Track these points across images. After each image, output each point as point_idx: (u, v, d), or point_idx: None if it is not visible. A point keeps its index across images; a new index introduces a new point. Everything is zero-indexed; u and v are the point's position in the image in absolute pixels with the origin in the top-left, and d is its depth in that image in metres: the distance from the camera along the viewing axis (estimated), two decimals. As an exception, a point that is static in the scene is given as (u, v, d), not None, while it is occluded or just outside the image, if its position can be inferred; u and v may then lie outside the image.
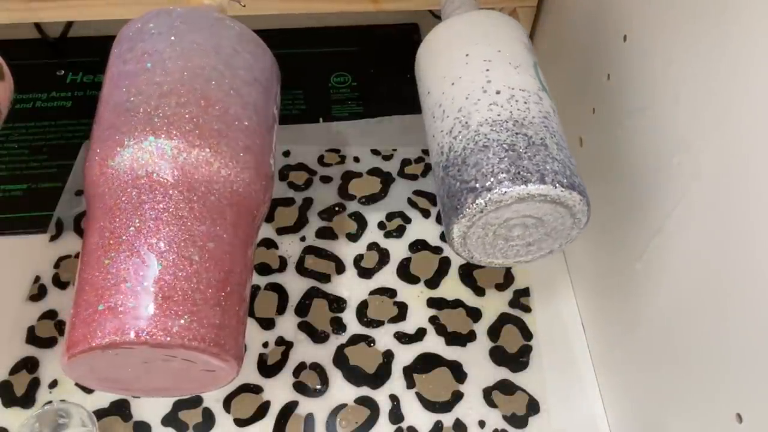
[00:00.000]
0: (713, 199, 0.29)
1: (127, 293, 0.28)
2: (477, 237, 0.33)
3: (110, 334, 0.27)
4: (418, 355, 0.44)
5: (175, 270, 0.28)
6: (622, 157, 0.38)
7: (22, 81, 0.39)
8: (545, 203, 0.31)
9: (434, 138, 0.35)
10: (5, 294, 0.46)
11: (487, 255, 0.34)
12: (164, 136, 0.30)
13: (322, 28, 0.64)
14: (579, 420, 0.43)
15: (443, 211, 0.33)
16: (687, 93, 0.31)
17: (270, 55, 0.38)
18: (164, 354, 0.28)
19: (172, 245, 0.29)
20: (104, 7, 0.48)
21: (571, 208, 0.31)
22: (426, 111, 0.37)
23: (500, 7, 0.51)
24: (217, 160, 0.31)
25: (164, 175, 0.30)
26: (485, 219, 0.31)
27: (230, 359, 0.30)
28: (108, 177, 0.30)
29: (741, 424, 0.28)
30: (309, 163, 0.55)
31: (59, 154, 0.55)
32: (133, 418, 0.41)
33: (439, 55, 0.37)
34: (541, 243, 0.34)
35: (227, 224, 0.31)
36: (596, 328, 0.45)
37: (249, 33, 0.36)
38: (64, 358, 0.28)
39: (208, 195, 0.31)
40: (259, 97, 0.35)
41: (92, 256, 0.29)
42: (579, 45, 0.44)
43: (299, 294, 0.47)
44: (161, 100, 0.31)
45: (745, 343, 0.28)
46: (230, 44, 0.34)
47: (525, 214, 0.31)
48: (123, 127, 0.31)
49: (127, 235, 0.29)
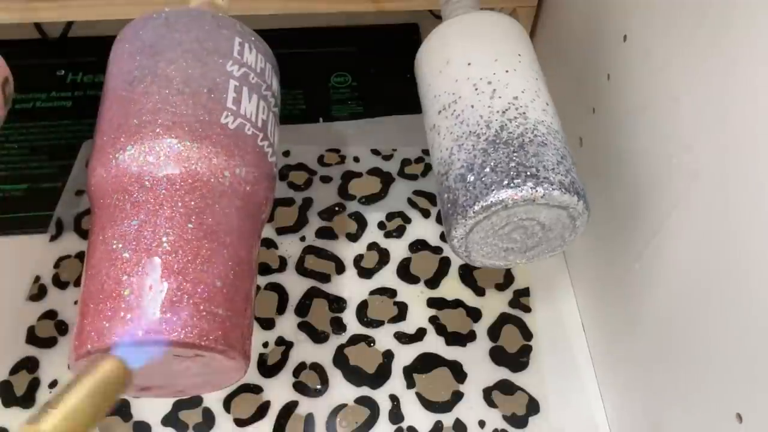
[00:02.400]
0: (713, 200, 0.29)
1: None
2: (477, 239, 0.33)
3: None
4: (418, 355, 0.44)
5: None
6: (622, 157, 0.38)
7: (22, 81, 0.39)
8: (547, 207, 0.31)
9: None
10: (5, 294, 0.46)
11: (486, 257, 0.34)
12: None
13: (322, 28, 0.64)
14: (579, 420, 0.43)
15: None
16: (687, 93, 0.31)
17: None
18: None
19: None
20: (104, 7, 0.48)
21: (572, 212, 0.31)
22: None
23: (500, 7, 0.51)
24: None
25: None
26: (487, 222, 0.31)
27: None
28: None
29: (741, 424, 0.28)
30: (309, 163, 0.55)
31: (59, 154, 0.54)
32: (133, 418, 0.41)
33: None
34: (540, 245, 0.34)
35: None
36: (596, 328, 0.45)
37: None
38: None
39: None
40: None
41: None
42: (579, 45, 0.44)
43: (299, 294, 0.47)
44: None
45: (745, 342, 0.28)
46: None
47: (526, 217, 0.31)
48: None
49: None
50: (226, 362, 0.29)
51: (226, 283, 0.30)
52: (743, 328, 0.28)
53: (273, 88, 0.37)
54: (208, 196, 0.31)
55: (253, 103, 0.34)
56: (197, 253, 0.29)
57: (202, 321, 0.28)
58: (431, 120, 0.36)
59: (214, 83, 0.33)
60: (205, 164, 0.31)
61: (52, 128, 0.56)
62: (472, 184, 0.31)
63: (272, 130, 0.36)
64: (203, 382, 0.32)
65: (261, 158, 0.33)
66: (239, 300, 0.30)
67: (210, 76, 0.33)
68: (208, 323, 0.28)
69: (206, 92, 0.32)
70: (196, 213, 0.30)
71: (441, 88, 0.35)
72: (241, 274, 0.31)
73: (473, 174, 0.31)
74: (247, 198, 0.32)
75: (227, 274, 0.30)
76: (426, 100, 0.37)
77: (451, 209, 0.32)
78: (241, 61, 0.34)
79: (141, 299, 0.28)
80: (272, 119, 0.36)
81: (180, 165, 0.30)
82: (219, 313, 0.29)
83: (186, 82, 0.32)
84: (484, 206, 0.30)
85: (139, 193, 0.30)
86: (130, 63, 0.33)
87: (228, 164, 0.31)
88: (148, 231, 0.29)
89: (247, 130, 0.33)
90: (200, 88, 0.32)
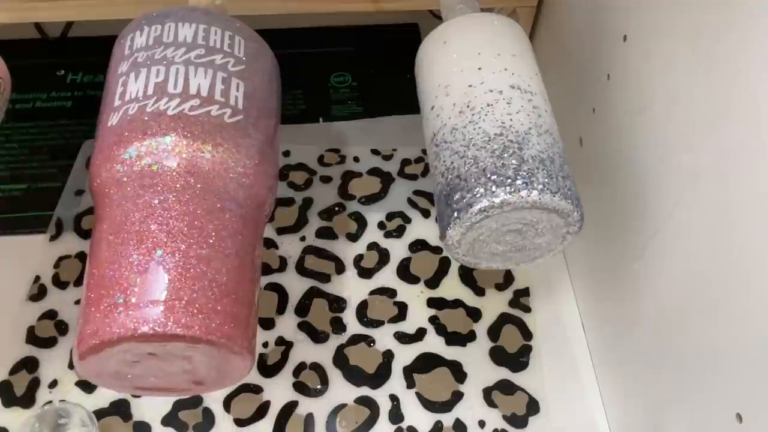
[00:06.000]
0: (713, 200, 0.29)
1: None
2: (472, 241, 0.33)
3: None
4: (418, 355, 0.44)
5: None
6: (622, 157, 0.38)
7: (22, 81, 0.39)
8: (541, 211, 0.31)
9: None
10: (5, 294, 0.46)
11: (480, 258, 0.34)
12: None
13: (322, 28, 0.64)
14: (579, 420, 0.43)
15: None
16: (687, 93, 0.31)
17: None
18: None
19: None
20: (104, 7, 0.48)
21: (566, 216, 0.31)
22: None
23: (500, 7, 0.51)
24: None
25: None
26: (481, 224, 0.31)
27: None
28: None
29: (741, 424, 0.28)
30: (309, 163, 0.55)
31: (59, 154, 0.54)
32: (133, 418, 0.41)
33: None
34: (533, 248, 0.34)
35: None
36: (596, 328, 0.45)
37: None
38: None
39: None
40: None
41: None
42: (579, 45, 0.44)
43: (299, 294, 0.47)
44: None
45: (745, 342, 0.28)
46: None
47: (520, 220, 0.31)
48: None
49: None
50: (231, 357, 0.29)
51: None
52: (743, 327, 0.28)
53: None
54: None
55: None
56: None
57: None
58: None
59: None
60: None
61: (52, 128, 0.56)
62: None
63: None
64: (208, 380, 0.32)
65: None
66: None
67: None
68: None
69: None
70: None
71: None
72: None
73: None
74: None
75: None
76: (424, 100, 0.37)
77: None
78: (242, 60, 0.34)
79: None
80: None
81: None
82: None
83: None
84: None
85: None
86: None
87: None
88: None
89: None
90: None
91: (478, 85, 0.34)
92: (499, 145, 0.31)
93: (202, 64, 0.33)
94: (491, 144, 0.31)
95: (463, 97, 0.34)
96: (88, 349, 0.28)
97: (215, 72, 0.33)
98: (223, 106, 0.32)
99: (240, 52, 0.35)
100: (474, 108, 0.33)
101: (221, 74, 0.33)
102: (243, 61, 0.35)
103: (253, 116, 0.34)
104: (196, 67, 0.33)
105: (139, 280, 0.28)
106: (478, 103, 0.33)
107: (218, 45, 0.34)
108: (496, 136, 0.32)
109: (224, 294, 0.29)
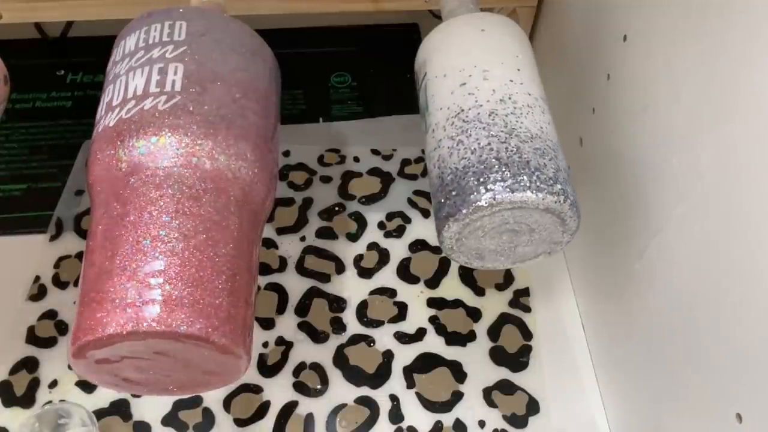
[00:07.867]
0: (714, 199, 0.29)
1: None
2: (467, 240, 0.33)
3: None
4: (418, 355, 0.44)
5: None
6: (622, 157, 0.38)
7: (22, 81, 0.39)
8: (537, 211, 0.31)
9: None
10: (5, 294, 0.46)
11: (475, 258, 0.34)
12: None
13: (322, 28, 0.64)
14: (579, 420, 0.43)
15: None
16: (687, 93, 0.31)
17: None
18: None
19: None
20: (104, 7, 0.48)
21: (562, 216, 0.31)
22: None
23: (500, 7, 0.51)
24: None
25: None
26: (477, 224, 0.31)
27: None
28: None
29: (741, 424, 0.28)
30: (309, 163, 0.55)
31: (59, 154, 0.55)
32: (133, 418, 0.41)
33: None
34: (529, 248, 0.34)
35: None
36: (596, 328, 0.45)
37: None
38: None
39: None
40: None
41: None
42: (579, 45, 0.44)
43: (299, 294, 0.47)
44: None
45: (745, 342, 0.28)
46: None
47: (516, 220, 0.31)
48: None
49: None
50: (228, 356, 0.29)
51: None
52: (743, 327, 0.28)
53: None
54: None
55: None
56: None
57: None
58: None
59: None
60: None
61: (52, 128, 0.56)
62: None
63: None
64: (204, 379, 0.32)
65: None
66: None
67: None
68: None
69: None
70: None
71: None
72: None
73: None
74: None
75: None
76: (450, 74, 0.36)
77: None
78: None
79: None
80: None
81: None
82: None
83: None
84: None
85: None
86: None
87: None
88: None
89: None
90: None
91: (518, 84, 0.34)
92: (540, 146, 0.32)
93: (140, 65, 0.33)
94: (533, 142, 0.32)
95: (503, 88, 0.34)
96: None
97: (152, 67, 0.33)
98: (157, 96, 0.32)
99: (180, 36, 0.34)
100: (516, 102, 0.33)
101: (158, 66, 0.33)
102: (183, 42, 0.34)
103: (195, 91, 0.33)
104: (135, 70, 0.33)
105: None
106: (520, 100, 0.33)
107: (156, 39, 0.34)
108: (537, 137, 0.32)
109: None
